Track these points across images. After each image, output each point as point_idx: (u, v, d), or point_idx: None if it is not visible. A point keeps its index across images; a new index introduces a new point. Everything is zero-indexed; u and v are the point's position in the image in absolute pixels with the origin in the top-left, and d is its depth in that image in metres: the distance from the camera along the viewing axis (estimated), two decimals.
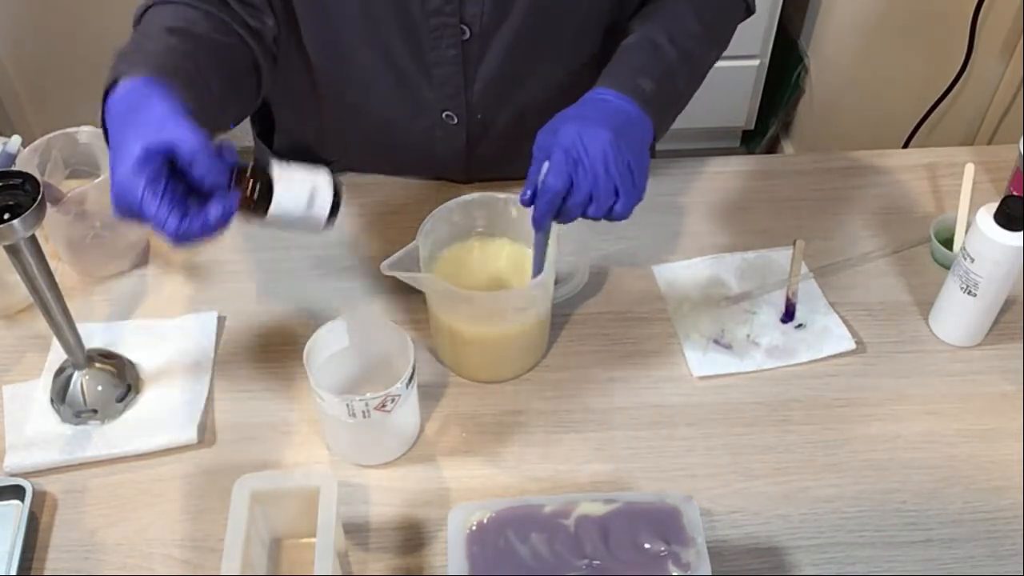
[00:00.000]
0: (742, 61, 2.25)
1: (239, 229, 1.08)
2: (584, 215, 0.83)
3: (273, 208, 0.70)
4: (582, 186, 0.81)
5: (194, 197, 0.71)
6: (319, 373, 0.84)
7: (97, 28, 2.11)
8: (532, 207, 0.83)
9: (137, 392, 0.94)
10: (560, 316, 1.00)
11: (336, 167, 1.15)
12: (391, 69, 1.00)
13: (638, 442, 0.90)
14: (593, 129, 0.81)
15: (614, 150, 0.81)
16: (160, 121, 0.71)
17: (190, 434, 0.90)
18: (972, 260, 0.91)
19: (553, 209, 0.82)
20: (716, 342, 0.98)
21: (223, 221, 0.71)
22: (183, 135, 0.70)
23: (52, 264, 0.84)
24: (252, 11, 0.93)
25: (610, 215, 0.84)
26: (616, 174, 0.82)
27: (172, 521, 0.85)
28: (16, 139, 0.99)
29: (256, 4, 0.93)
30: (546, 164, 0.82)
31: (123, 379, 0.93)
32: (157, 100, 0.72)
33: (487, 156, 1.10)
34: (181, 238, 0.70)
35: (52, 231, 1.01)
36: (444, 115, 1.04)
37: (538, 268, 0.89)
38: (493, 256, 0.96)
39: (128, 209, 0.70)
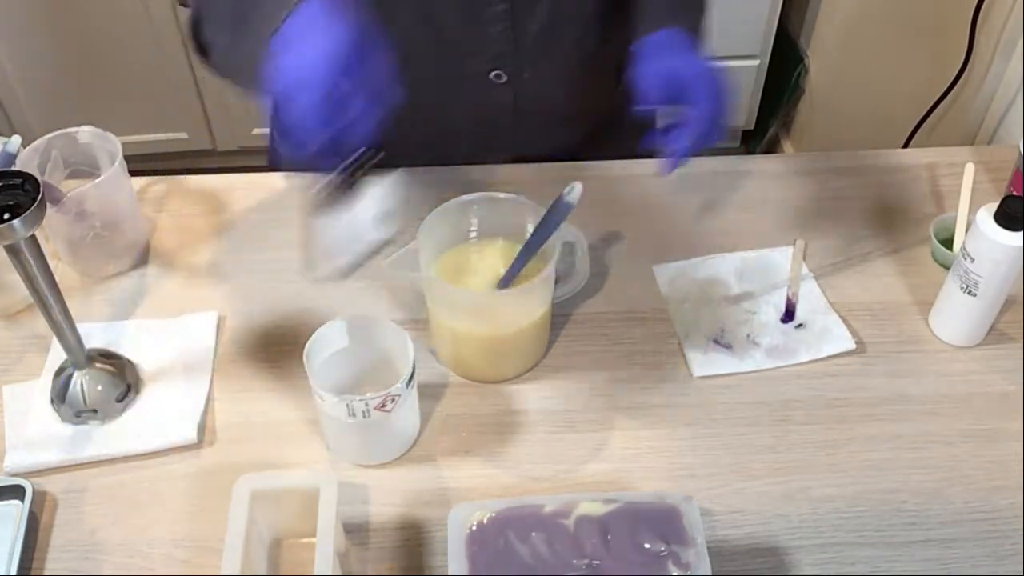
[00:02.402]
0: (742, 61, 2.25)
1: (239, 229, 1.09)
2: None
3: None
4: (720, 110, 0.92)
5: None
6: (319, 373, 0.84)
7: (97, 29, 2.11)
8: (668, 140, 0.92)
9: (137, 392, 0.94)
10: (560, 316, 1.00)
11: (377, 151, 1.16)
12: (440, 38, 1.02)
13: (638, 442, 0.90)
14: (709, 63, 0.93)
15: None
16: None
17: (190, 434, 0.90)
18: (972, 260, 0.91)
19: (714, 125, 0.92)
20: (716, 342, 0.98)
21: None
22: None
23: (52, 264, 0.84)
24: None
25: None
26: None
27: (172, 521, 0.85)
28: (16, 139, 0.99)
29: None
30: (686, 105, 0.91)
31: (123, 379, 0.93)
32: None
33: (531, 119, 1.12)
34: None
35: (52, 231, 1.01)
36: (493, 75, 1.06)
37: (518, 267, 0.91)
38: (493, 256, 0.96)
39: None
